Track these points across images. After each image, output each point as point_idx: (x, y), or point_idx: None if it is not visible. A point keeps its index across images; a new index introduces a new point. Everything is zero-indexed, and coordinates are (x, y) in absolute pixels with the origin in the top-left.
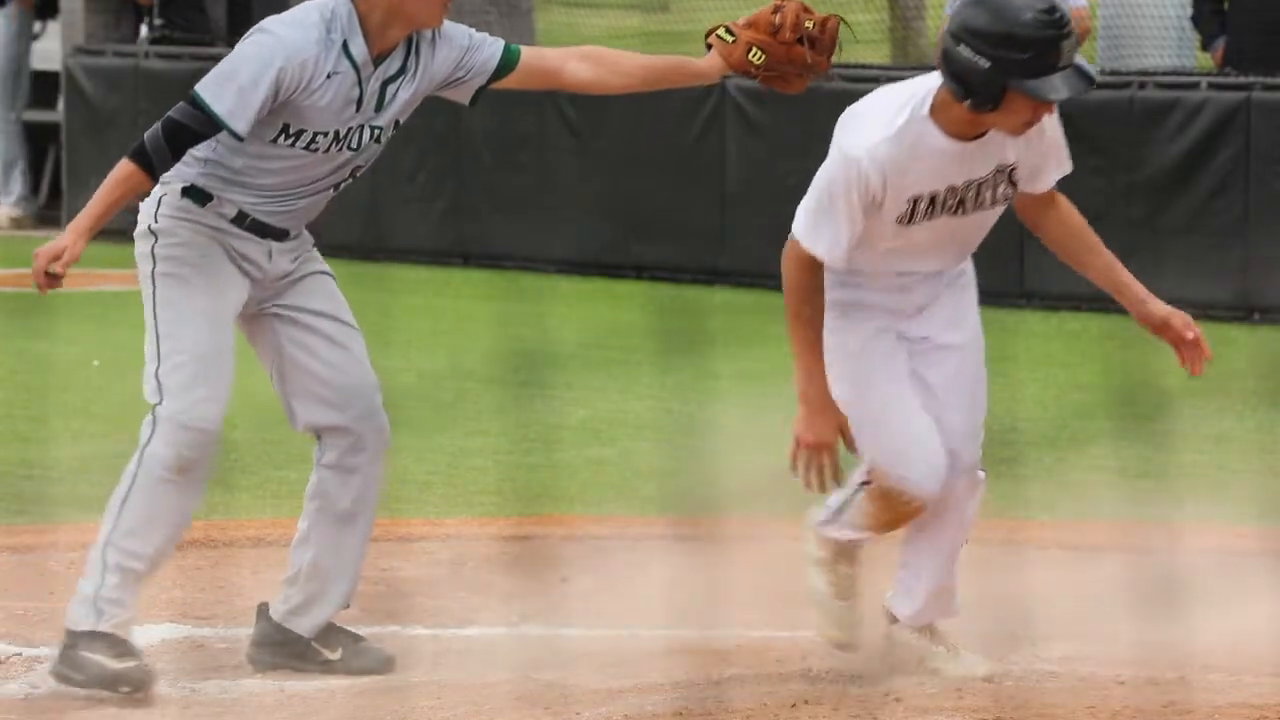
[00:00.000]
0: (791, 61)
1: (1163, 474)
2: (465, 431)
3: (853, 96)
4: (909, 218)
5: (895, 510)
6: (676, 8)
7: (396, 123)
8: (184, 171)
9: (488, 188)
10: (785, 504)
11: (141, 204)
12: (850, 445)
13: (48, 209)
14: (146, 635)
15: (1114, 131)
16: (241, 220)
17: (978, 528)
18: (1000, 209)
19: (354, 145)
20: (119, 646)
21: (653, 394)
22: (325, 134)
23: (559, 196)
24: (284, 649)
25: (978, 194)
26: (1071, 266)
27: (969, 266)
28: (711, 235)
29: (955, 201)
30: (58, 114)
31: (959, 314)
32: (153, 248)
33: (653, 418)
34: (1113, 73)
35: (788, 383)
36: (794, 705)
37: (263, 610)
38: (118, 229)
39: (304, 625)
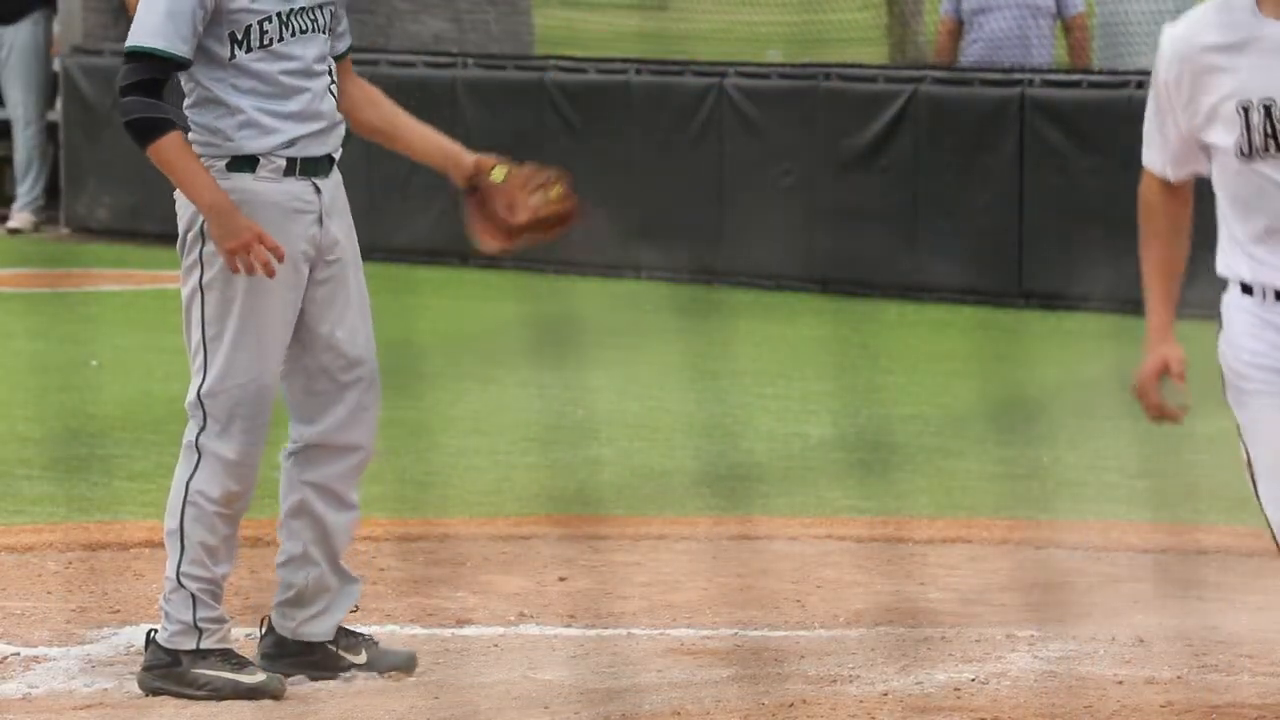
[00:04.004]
0: (503, 218)
1: (1161, 472)
2: (464, 431)
3: (850, 96)
4: (1247, 140)
5: None
6: (675, 7)
7: (335, 10)
8: (216, 149)
9: None
10: (786, 504)
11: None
12: (1179, 377)
13: (45, 207)
14: (143, 633)
15: (1112, 130)
16: (293, 168)
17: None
18: None
19: (306, 26)
20: (233, 658)
21: (651, 393)
22: (270, 19)
23: None
24: (303, 659)
25: None
26: None
27: None
28: (710, 235)
29: None
30: (55, 114)
31: None
32: (201, 252)
33: (651, 418)
34: (1110, 72)
35: (786, 382)
36: (792, 705)
37: (268, 624)
38: (115, 229)
39: (319, 631)
